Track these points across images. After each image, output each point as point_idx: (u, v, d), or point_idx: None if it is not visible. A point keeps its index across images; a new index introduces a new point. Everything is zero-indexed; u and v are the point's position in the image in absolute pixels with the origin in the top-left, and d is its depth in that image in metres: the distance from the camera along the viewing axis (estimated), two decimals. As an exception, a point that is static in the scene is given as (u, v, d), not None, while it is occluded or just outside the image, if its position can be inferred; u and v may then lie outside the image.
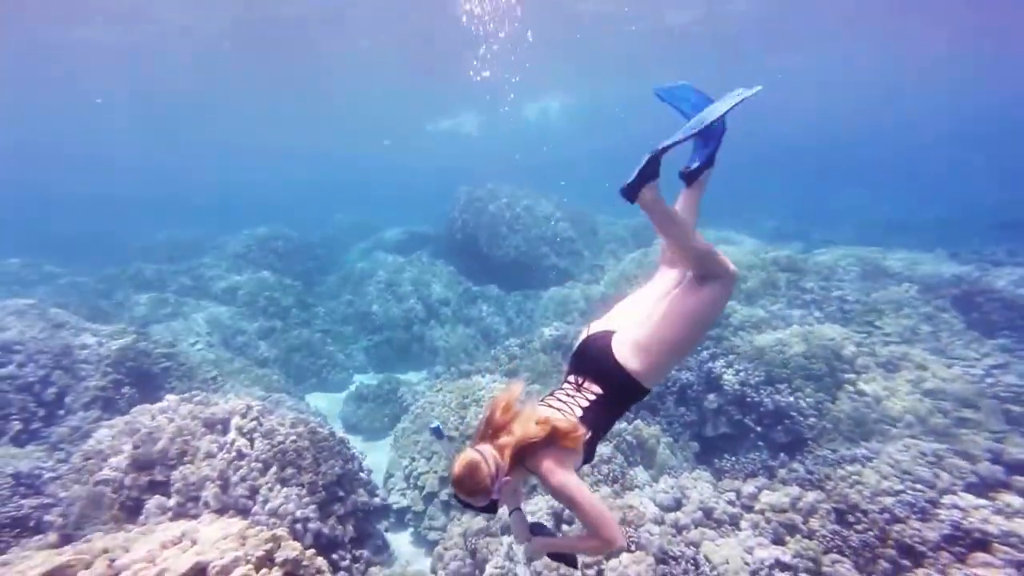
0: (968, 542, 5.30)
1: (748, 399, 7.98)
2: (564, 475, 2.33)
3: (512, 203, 17.27)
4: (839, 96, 40.48)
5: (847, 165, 50.71)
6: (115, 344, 9.25)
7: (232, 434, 6.48)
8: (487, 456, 2.29)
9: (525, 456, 2.38)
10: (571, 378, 2.71)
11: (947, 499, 5.78)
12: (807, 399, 7.81)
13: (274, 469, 6.38)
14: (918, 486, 6.04)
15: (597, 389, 2.59)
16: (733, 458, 7.60)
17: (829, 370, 8.10)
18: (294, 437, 6.74)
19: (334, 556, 6.22)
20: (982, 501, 5.69)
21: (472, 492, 2.28)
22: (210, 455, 6.26)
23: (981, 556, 5.14)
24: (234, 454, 6.30)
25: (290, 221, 23.30)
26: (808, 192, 37.02)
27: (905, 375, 7.97)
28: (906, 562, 5.39)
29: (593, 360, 2.65)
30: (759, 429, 7.82)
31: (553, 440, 2.38)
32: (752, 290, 11.63)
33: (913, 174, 46.63)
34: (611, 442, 7.71)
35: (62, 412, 8.32)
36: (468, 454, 2.31)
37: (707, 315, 2.62)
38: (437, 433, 3.17)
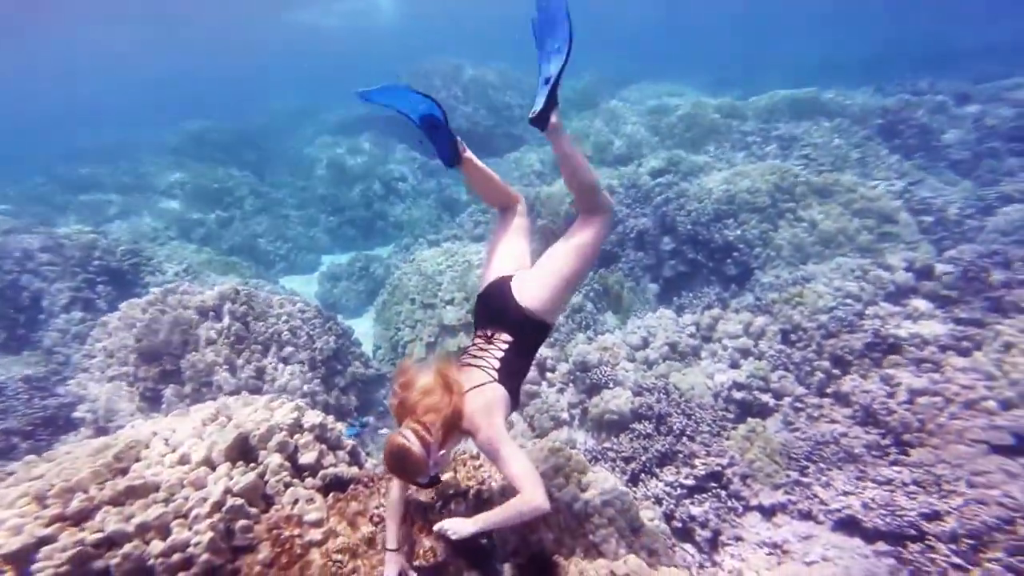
0: (884, 347, 5.90)
1: (700, 237, 8.40)
2: (492, 429, 2.34)
3: (458, 74, 16.46)
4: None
5: (779, 11, 48.76)
6: (75, 243, 8.73)
7: (227, 319, 6.43)
8: (410, 437, 2.21)
9: (455, 423, 2.33)
10: (480, 331, 2.71)
11: (870, 310, 6.34)
12: (752, 230, 8.24)
13: (273, 349, 6.50)
14: (848, 300, 6.58)
15: (507, 337, 2.60)
16: (690, 294, 8.10)
17: (771, 201, 8.48)
18: (286, 317, 6.80)
19: (340, 423, 6.55)
20: (896, 308, 6.27)
21: (409, 474, 2.26)
22: (211, 341, 6.24)
23: (893, 358, 5.76)
24: (233, 338, 6.33)
25: (222, 114, 21.77)
26: (743, 41, 35.83)
27: (838, 199, 8.40)
28: (836, 371, 6.00)
29: (497, 310, 2.66)
30: (711, 264, 8.32)
31: (478, 400, 2.40)
32: (698, 138, 11.80)
33: (844, 14, 45.22)
34: (580, 292, 8.09)
35: (43, 316, 8.07)
36: (393, 440, 2.22)
37: (596, 247, 2.75)
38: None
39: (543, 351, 7.09)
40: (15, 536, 2.60)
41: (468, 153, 2.81)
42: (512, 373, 2.57)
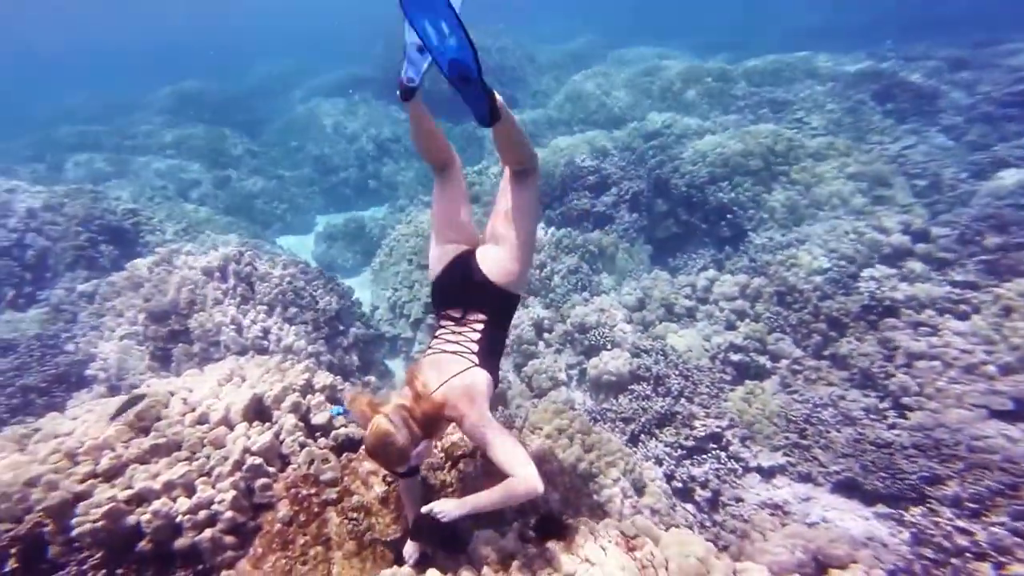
0: (880, 310, 5.70)
1: (694, 199, 8.11)
2: (477, 416, 2.16)
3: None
4: None
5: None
6: (77, 202, 8.51)
7: (232, 280, 6.31)
8: (398, 424, 2.05)
9: (437, 417, 2.16)
10: (448, 313, 2.47)
11: (866, 272, 6.10)
12: (746, 193, 7.93)
13: (279, 310, 6.36)
14: (842, 262, 6.33)
15: (481, 316, 2.40)
16: (684, 256, 7.84)
17: (764, 164, 8.14)
18: (289, 278, 6.63)
19: (347, 384, 6.40)
20: (892, 270, 6.03)
21: (389, 463, 2.13)
22: (218, 302, 6.11)
23: (890, 321, 5.57)
24: (239, 299, 6.20)
25: (206, 76, 20.82)
26: (735, 4, 34.51)
27: (831, 162, 8.07)
28: (833, 333, 5.81)
29: (467, 290, 2.43)
30: (704, 226, 8.04)
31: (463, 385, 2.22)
32: (690, 101, 11.38)
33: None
34: (576, 253, 7.81)
35: (49, 275, 7.93)
36: (379, 424, 2.05)
37: (538, 204, 2.55)
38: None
39: (539, 312, 6.86)
40: (53, 491, 2.65)
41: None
42: (491, 351, 2.42)
